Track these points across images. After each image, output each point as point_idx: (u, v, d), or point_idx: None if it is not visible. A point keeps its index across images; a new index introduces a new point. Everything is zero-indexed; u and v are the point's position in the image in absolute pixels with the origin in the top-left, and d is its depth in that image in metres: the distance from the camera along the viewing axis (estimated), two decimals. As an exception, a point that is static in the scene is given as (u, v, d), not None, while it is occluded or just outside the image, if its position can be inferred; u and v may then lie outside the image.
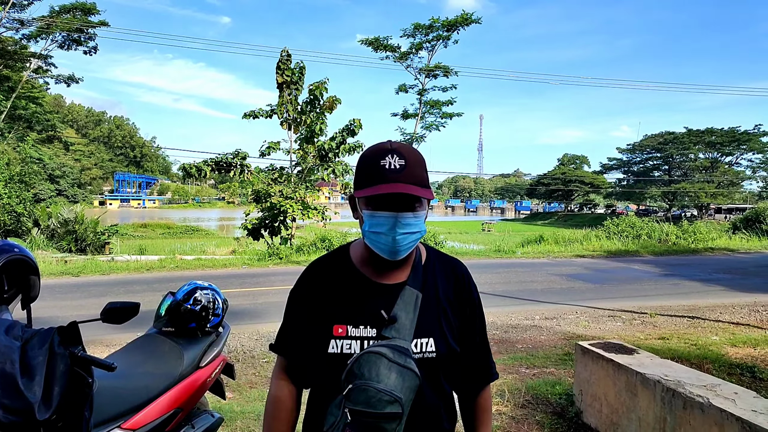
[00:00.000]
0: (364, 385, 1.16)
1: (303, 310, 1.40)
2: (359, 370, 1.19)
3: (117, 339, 6.43)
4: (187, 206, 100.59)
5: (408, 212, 1.27)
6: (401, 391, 1.17)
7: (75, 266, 13.12)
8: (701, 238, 21.69)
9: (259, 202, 16.79)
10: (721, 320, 8.11)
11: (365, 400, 1.16)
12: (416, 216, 1.28)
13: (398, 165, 1.25)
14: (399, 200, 1.26)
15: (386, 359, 1.20)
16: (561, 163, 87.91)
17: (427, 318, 1.34)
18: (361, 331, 1.30)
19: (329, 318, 1.34)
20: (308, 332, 1.37)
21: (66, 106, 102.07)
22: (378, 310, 1.30)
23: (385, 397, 1.15)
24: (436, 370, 1.34)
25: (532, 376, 5.21)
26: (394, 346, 1.23)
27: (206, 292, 2.92)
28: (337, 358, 1.29)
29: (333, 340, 1.31)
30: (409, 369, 1.21)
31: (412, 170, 1.26)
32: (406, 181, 1.25)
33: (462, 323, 1.41)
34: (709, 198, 56.82)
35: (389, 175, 1.24)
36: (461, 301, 1.42)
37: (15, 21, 28.99)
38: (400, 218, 1.26)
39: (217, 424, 2.99)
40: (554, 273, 13.40)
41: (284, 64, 16.64)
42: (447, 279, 1.43)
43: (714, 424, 2.71)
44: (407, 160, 1.27)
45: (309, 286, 1.42)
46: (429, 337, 1.32)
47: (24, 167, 19.62)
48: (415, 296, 1.33)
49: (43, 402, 1.54)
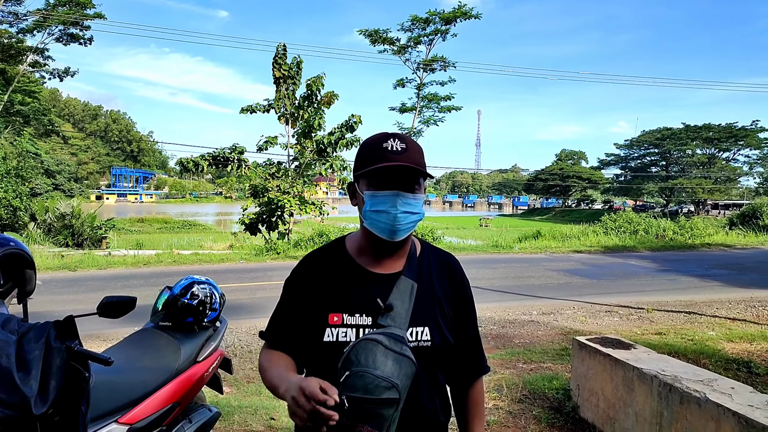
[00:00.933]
0: (362, 372, 1.18)
1: (297, 300, 1.41)
2: (356, 357, 1.21)
3: (114, 333, 6.43)
4: (185, 201, 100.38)
5: (408, 192, 1.31)
6: (398, 378, 1.19)
7: (72, 261, 13.10)
8: (698, 233, 21.74)
9: (257, 197, 16.77)
10: (717, 315, 8.14)
11: (363, 386, 1.17)
12: (415, 198, 1.32)
13: (400, 147, 1.31)
14: (400, 179, 1.30)
15: (383, 346, 1.21)
16: (559, 158, 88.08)
17: (422, 308, 1.35)
18: (357, 320, 1.32)
19: (325, 307, 1.34)
20: (301, 322, 1.38)
21: (63, 100, 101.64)
22: (374, 298, 1.32)
23: (383, 383, 1.17)
24: (432, 359, 1.36)
25: (529, 371, 5.22)
26: (390, 334, 1.25)
27: (203, 286, 2.91)
28: (332, 347, 1.30)
29: (328, 328, 1.32)
30: (405, 356, 1.22)
31: (412, 154, 1.31)
32: (407, 161, 1.29)
33: (456, 315, 1.44)
34: (707, 194, 56.97)
35: (392, 156, 1.29)
36: (455, 294, 1.45)
37: (10, 14, 28.85)
38: (401, 196, 1.30)
39: (215, 418, 2.99)
40: (552, 268, 13.42)
41: (281, 59, 16.59)
42: (441, 272, 1.45)
43: (710, 418, 2.72)
44: (408, 144, 1.32)
45: (304, 276, 1.43)
46: (424, 326, 1.34)
47: (20, 161, 19.53)
48: (410, 286, 1.35)
49: (39, 396, 1.53)
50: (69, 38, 30.83)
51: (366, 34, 24.52)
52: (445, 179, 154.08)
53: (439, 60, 24.74)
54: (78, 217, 18.06)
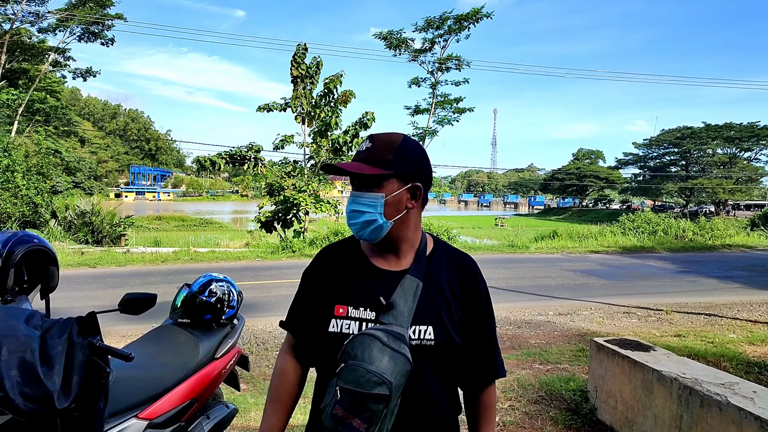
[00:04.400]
0: (355, 365, 1.19)
1: (311, 290, 1.47)
2: (353, 350, 1.22)
3: (132, 330, 6.51)
4: (201, 199, 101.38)
5: (357, 191, 1.36)
6: (392, 375, 1.19)
7: (92, 257, 13.31)
8: (718, 234, 21.38)
9: (273, 195, 16.86)
10: (738, 318, 8.00)
11: (354, 379, 1.18)
12: (364, 197, 1.34)
13: (365, 147, 1.37)
14: (354, 179, 1.37)
15: (380, 342, 1.22)
16: (575, 157, 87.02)
17: (427, 307, 1.35)
18: (361, 313, 1.34)
19: (332, 298, 1.39)
20: (314, 311, 1.42)
21: (83, 99, 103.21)
22: (378, 294, 1.34)
23: (374, 378, 1.17)
24: (436, 359, 1.35)
25: (545, 372, 5.18)
26: (389, 331, 1.25)
27: (221, 284, 2.93)
28: (336, 337, 1.33)
29: (334, 319, 1.36)
30: (401, 354, 1.22)
31: (374, 152, 1.35)
32: (361, 160, 1.35)
33: (467, 316, 1.41)
34: (727, 194, 55.95)
35: (356, 156, 1.38)
36: (466, 293, 1.42)
37: (32, 14, 29.36)
38: (353, 195, 1.37)
39: (232, 415, 3.01)
40: (568, 269, 13.30)
41: (300, 58, 16.63)
42: (453, 272, 1.43)
43: (732, 422, 2.67)
44: (375, 143, 1.36)
45: (319, 268, 1.49)
46: (428, 325, 1.34)
47: (41, 159, 19.85)
48: (415, 285, 1.35)
49: (62, 391, 1.56)
50: (91, 36, 31.26)
51: (381, 37, 24.50)
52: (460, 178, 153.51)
53: (453, 59, 24.63)
54: (98, 215, 18.31)
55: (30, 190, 17.62)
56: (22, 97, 31.44)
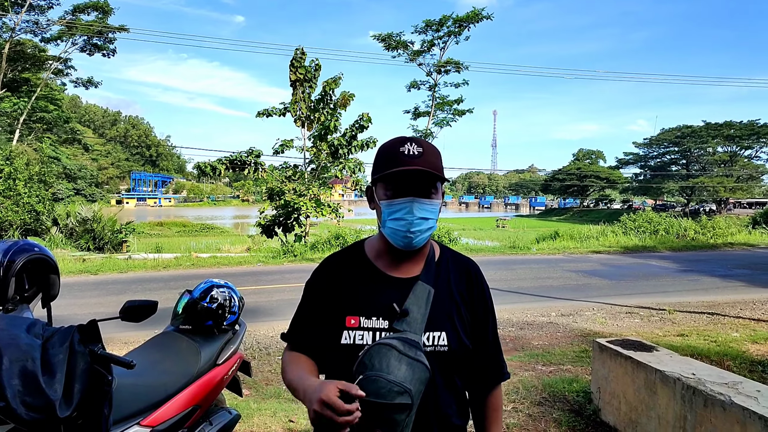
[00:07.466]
0: (375, 376, 1.18)
1: (317, 302, 1.43)
2: (370, 361, 1.21)
3: (134, 336, 6.51)
4: (202, 204, 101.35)
5: (424, 198, 1.31)
6: (411, 383, 1.19)
7: (93, 264, 13.30)
8: (720, 233, 21.34)
9: (273, 200, 16.87)
10: (741, 316, 7.97)
11: (375, 390, 1.17)
12: (431, 203, 1.32)
13: (416, 151, 1.30)
14: (416, 184, 1.30)
15: (396, 351, 1.21)
16: (576, 158, 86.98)
17: (439, 313, 1.35)
18: (374, 323, 1.32)
19: (343, 309, 1.36)
20: (321, 324, 1.39)
21: (83, 107, 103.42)
22: (391, 302, 1.33)
23: (395, 388, 1.16)
24: (448, 364, 1.36)
25: (548, 374, 5.17)
26: (404, 339, 1.25)
27: (222, 290, 2.93)
28: (349, 349, 1.31)
29: (346, 331, 1.33)
30: (419, 361, 1.22)
31: (429, 157, 1.31)
32: (423, 165, 1.28)
33: (474, 321, 1.43)
34: (728, 192, 55.90)
35: (408, 160, 1.29)
36: (474, 299, 1.44)
37: (33, 24, 29.44)
38: (417, 202, 1.30)
39: (234, 420, 3.01)
40: (570, 269, 13.28)
41: (298, 62, 16.65)
42: (460, 277, 1.45)
43: (736, 422, 2.66)
44: (425, 148, 1.31)
45: (324, 279, 1.45)
46: (441, 331, 1.34)
47: (42, 167, 19.85)
48: (427, 291, 1.35)
49: (64, 399, 1.56)
50: (93, 48, 31.36)
51: (380, 39, 24.56)
52: (461, 180, 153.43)
53: (452, 63, 24.68)
54: (99, 222, 18.32)
55: (32, 198, 17.64)
56: (23, 105, 31.51)
